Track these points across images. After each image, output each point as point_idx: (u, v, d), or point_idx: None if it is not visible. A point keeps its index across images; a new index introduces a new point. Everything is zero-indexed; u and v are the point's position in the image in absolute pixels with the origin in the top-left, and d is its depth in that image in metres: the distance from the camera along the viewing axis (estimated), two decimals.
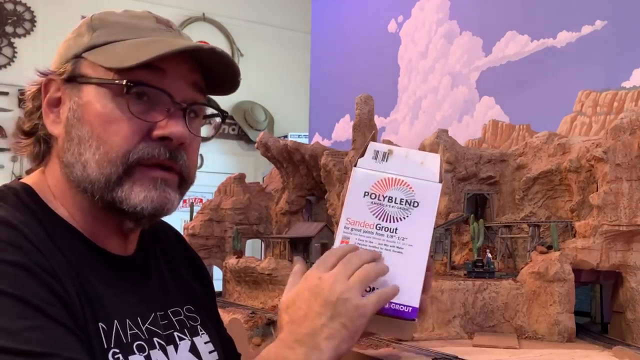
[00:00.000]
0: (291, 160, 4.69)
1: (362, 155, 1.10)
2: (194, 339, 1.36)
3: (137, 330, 1.18)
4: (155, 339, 1.22)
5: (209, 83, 1.26)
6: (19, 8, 8.02)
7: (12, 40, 7.97)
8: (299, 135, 7.62)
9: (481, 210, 3.46)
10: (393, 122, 5.29)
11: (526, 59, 3.96)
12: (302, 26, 8.51)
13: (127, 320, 1.16)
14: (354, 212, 1.09)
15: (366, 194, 1.10)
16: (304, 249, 4.11)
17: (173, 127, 1.15)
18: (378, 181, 1.11)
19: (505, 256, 3.29)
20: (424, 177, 1.10)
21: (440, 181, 1.08)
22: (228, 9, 9.45)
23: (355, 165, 1.08)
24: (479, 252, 3.03)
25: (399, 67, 5.29)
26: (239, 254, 4.52)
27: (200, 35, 9.34)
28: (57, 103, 1.20)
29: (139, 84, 1.14)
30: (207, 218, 4.66)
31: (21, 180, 1.28)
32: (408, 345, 2.51)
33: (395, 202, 1.11)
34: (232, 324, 3.76)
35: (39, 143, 1.27)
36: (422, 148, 3.63)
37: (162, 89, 1.15)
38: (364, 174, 1.09)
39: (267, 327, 3.57)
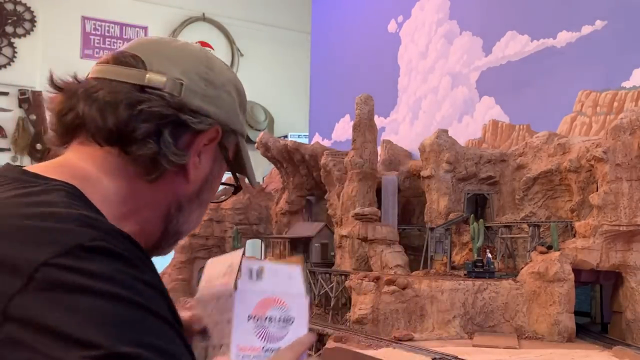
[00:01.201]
0: (291, 160, 4.69)
1: (238, 274, 1.17)
2: None
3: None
4: None
5: None
6: (19, 8, 8.02)
7: (12, 40, 7.97)
8: (299, 135, 7.61)
9: (481, 210, 3.47)
10: (393, 122, 5.29)
11: (526, 59, 3.96)
12: (302, 26, 8.52)
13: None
14: (242, 338, 1.18)
15: (250, 317, 1.19)
16: (304, 249, 4.12)
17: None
18: (258, 303, 1.20)
19: (505, 256, 3.29)
20: (294, 291, 1.20)
21: (306, 294, 1.18)
22: (228, 9, 9.45)
23: (235, 288, 1.15)
24: (479, 252, 3.03)
25: (399, 67, 5.29)
26: None
27: (200, 35, 9.35)
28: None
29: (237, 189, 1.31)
30: (207, 218, 4.66)
31: (59, 179, 1.16)
32: (408, 345, 2.51)
33: (275, 322, 1.20)
34: None
35: (154, 166, 1.20)
36: (422, 148, 3.64)
37: (236, 189, 1.32)
38: (245, 296, 1.18)
39: None
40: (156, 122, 1.09)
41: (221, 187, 1.41)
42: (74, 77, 1.18)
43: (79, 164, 1.14)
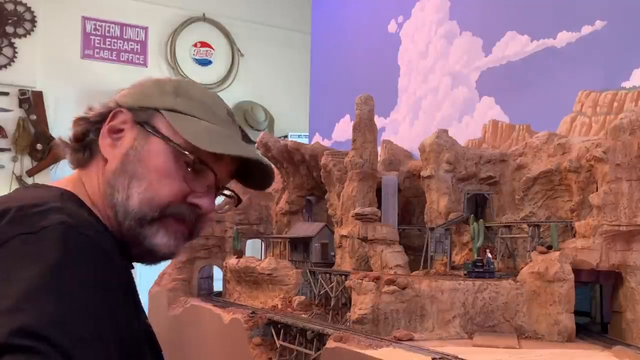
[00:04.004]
0: (291, 160, 4.69)
1: None
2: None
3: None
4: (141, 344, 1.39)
5: (243, 173, 1.52)
6: (19, 8, 8.02)
7: (13, 40, 7.97)
8: (299, 135, 7.62)
9: (481, 210, 3.47)
10: (393, 122, 5.29)
11: (526, 59, 3.96)
12: (302, 26, 8.52)
13: (140, 316, 1.39)
14: None
15: None
16: (304, 249, 4.12)
17: (207, 201, 1.41)
18: None
19: (505, 256, 3.29)
20: None
21: None
22: (228, 9, 9.45)
23: None
24: (479, 252, 3.04)
25: (399, 67, 5.30)
26: (239, 254, 4.52)
27: (200, 35, 9.35)
28: (117, 132, 1.41)
29: (202, 164, 1.38)
30: None
31: (56, 186, 1.42)
32: (408, 345, 2.51)
33: None
34: (232, 324, 3.77)
35: (85, 150, 1.44)
36: (422, 148, 3.64)
37: (214, 172, 1.41)
38: None
39: (267, 327, 3.58)
40: (83, 122, 1.46)
41: (223, 198, 1.57)
42: None
43: (70, 177, 1.45)
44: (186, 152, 1.35)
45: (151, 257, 1.43)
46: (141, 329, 1.37)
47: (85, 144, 1.43)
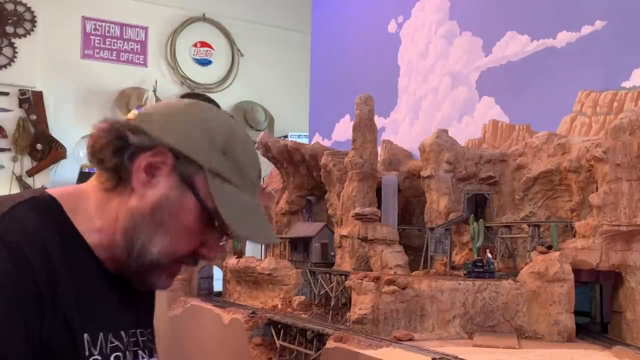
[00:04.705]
0: (291, 160, 4.69)
1: None
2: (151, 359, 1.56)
3: (117, 343, 1.40)
4: (128, 353, 1.42)
5: None
6: (19, 8, 8.02)
7: (13, 40, 7.97)
8: (299, 135, 7.62)
9: (481, 210, 3.47)
10: (393, 122, 5.29)
11: (526, 59, 3.96)
12: (302, 26, 8.52)
13: (111, 333, 1.38)
14: None
15: None
16: (304, 249, 4.12)
17: (214, 253, 1.49)
18: None
19: (505, 256, 3.29)
20: None
21: None
22: (228, 9, 9.45)
23: None
24: (479, 252, 3.04)
25: (399, 67, 5.30)
26: (239, 254, 4.53)
27: (200, 35, 9.35)
28: (153, 171, 1.39)
29: (223, 227, 1.43)
30: None
31: (50, 191, 1.42)
32: (408, 345, 2.51)
33: None
34: (232, 324, 3.77)
35: (115, 173, 1.40)
36: (422, 148, 3.64)
37: (229, 237, 1.49)
38: None
39: (267, 327, 3.58)
40: (108, 139, 1.37)
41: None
42: None
43: (86, 187, 1.44)
44: (215, 221, 1.40)
45: (143, 287, 1.48)
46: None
47: (115, 167, 1.38)
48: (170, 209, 1.37)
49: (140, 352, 1.48)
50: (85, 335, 1.30)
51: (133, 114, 1.43)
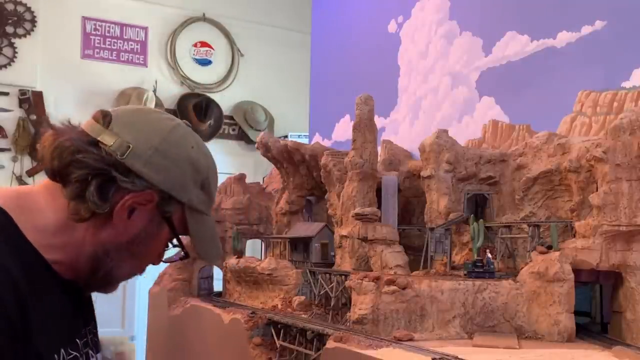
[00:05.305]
0: (291, 160, 4.68)
1: None
2: (97, 355, 1.58)
3: (75, 353, 1.41)
4: (82, 358, 1.45)
5: None
6: (19, 8, 8.02)
7: (13, 40, 7.97)
8: (299, 135, 7.62)
9: (481, 210, 3.46)
10: (393, 122, 5.29)
11: (526, 59, 3.96)
12: (302, 26, 8.51)
13: (69, 346, 1.39)
14: None
15: None
16: (304, 249, 4.12)
17: (160, 262, 1.58)
18: None
19: (505, 256, 3.29)
20: None
21: None
22: (228, 9, 9.45)
23: None
24: (479, 252, 3.04)
25: (399, 67, 5.30)
26: (239, 254, 4.52)
27: (200, 35, 9.35)
28: (135, 208, 1.40)
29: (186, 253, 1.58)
30: None
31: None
32: (408, 345, 2.51)
33: None
34: (232, 324, 3.76)
35: (90, 212, 1.36)
36: (422, 148, 3.63)
37: (186, 251, 1.58)
38: None
39: (267, 327, 3.57)
40: (87, 171, 1.29)
41: (176, 249, 1.66)
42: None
43: (34, 196, 1.37)
44: (186, 251, 1.54)
45: (95, 291, 1.54)
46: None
47: (86, 196, 1.33)
48: (146, 241, 1.43)
49: (90, 352, 1.51)
50: (54, 356, 1.33)
51: (97, 120, 1.38)
